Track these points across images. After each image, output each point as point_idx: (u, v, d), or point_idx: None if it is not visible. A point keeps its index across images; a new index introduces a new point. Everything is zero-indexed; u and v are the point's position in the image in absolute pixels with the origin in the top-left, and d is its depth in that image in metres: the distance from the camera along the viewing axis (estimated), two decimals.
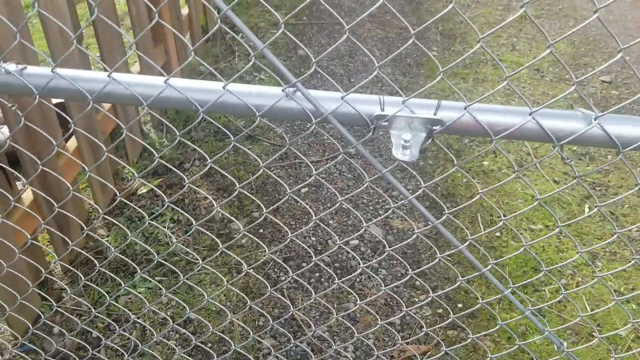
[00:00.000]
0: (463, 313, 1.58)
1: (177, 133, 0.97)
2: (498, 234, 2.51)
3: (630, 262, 1.74)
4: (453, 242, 1.08)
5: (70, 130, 1.10)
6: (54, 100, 2.56)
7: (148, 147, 1.13)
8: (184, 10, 3.46)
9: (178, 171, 1.35)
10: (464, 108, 0.91)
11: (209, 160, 1.04)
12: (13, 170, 1.46)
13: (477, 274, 1.01)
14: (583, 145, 0.92)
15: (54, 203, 1.28)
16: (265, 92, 0.96)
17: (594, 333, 1.93)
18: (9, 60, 1.02)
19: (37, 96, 1.00)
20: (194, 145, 1.20)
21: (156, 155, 1.04)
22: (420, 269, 1.41)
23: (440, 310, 2.16)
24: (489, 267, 1.12)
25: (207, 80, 0.98)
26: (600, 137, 0.90)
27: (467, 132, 0.93)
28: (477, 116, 0.91)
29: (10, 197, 1.40)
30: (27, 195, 2.05)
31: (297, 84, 0.93)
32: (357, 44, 0.91)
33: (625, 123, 0.90)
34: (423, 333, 2.05)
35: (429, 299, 2.05)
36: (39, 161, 1.22)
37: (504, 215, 2.44)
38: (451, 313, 1.35)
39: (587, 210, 2.63)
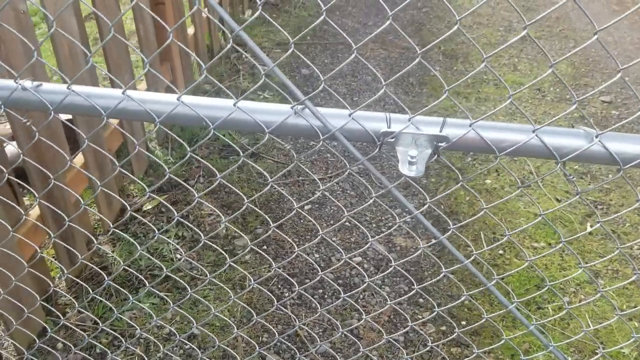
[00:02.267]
0: (467, 328, 1.59)
1: (188, 149, 1.00)
2: (501, 251, 2.52)
3: (632, 279, 1.75)
4: (458, 257, 1.10)
5: (84, 146, 1.13)
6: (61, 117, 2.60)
7: (158, 161, 1.15)
8: (190, 30, 3.51)
9: (189, 186, 1.37)
10: (469, 125, 0.94)
11: (219, 176, 1.06)
12: (25, 184, 1.48)
13: (482, 288, 1.03)
14: (585, 162, 0.95)
15: (65, 217, 1.30)
16: (274, 109, 0.99)
17: (597, 350, 1.94)
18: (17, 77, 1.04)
19: (52, 112, 1.02)
20: (204, 161, 1.22)
21: (167, 170, 1.06)
22: (425, 284, 1.42)
23: (443, 328, 2.17)
24: (494, 281, 1.13)
25: (215, 98, 1.00)
26: (601, 154, 0.93)
27: (471, 149, 0.95)
28: (482, 133, 0.93)
29: (22, 211, 1.42)
30: (34, 211, 2.07)
31: (306, 102, 0.96)
32: (365, 62, 0.94)
33: (625, 140, 0.92)
34: (426, 350, 2.05)
35: (434, 313, 2.05)
36: (50, 175, 1.25)
37: (509, 232, 2.45)
38: (456, 328, 1.36)
39: (589, 228, 2.64)
